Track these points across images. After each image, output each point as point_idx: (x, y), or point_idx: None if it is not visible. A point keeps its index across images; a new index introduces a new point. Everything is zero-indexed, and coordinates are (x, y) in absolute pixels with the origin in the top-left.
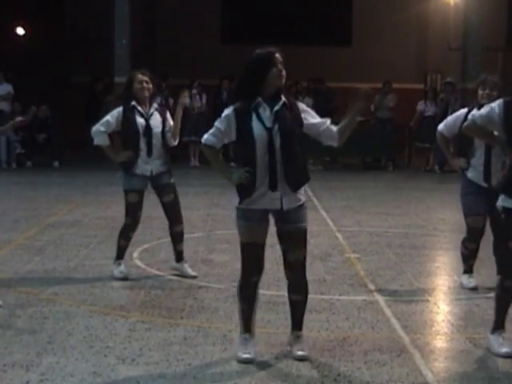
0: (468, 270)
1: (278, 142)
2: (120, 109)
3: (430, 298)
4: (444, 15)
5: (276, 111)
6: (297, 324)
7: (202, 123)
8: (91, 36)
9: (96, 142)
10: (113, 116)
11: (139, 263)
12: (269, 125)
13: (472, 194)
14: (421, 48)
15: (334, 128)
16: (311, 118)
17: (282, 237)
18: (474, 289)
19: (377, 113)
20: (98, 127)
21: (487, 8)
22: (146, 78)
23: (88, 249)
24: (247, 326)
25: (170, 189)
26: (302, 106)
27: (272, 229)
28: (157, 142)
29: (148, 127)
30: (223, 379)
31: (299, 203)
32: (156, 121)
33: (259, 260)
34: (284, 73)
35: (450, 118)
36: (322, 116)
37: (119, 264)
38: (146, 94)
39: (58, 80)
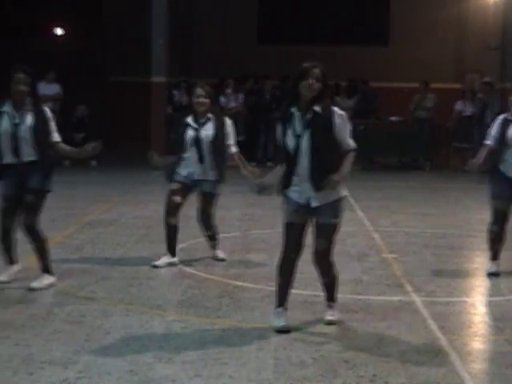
0: (493, 255)
1: (306, 147)
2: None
3: (467, 299)
4: (483, 14)
5: (307, 120)
6: (329, 297)
7: (239, 123)
8: (129, 36)
9: None
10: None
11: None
12: (299, 132)
13: (500, 181)
14: (459, 47)
15: (348, 147)
16: (341, 136)
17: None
18: (495, 274)
19: (415, 113)
20: None
21: None
22: (203, 93)
23: (125, 248)
24: (282, 300)
25: (208, 198)
26: (339, 119)
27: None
28: (206, 150)
29: (197, 138)
30: (259, 378)
31: (332, 199)
32: (206, 131)
33: (298, 239)
34: (316, 86)
35: (493, 131)
36: (361, 115)
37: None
38: (202, 108)
39: (96, 79)
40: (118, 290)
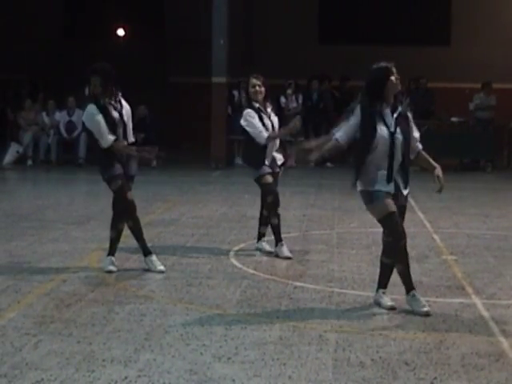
0: None
1: (401, 143)
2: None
3: None
4: None
5: (396, 118)
6: (412, 286)
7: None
8: (190, 36)
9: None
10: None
11: (235, 262)
12: (392, 129)
13: None
14: None
15: (420, 147)
16: (414, 136)
17: None
18: None
19: (476, 113)
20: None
21: None
22: (258, 82)
23: (185, 247)
24: (383, 282)
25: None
26: (410, 117)
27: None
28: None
29: (272, 127)
30: (318, 379)
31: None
32: (275, 120)
33: (402, 224)
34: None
35: None
36: (420, 115)
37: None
38: (259, 96)
39: (157, 80)
40: (178, 290)
